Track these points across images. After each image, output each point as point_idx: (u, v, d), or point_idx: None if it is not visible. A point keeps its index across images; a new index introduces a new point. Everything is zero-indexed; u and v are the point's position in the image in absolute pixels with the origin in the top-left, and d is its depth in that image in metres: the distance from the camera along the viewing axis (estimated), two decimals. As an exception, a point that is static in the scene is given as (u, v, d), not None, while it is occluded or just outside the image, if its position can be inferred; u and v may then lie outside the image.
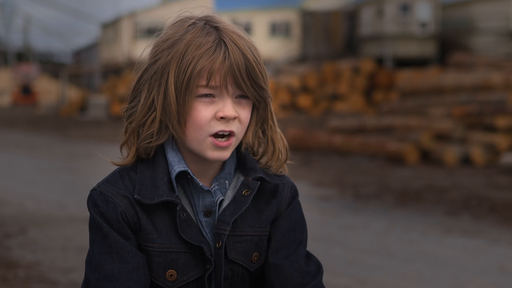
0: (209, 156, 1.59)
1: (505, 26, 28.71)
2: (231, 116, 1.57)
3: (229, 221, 1.61)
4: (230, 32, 1.59)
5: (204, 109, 1.57)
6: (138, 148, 1.63)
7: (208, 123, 1.57)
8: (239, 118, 1.60)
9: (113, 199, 1.59)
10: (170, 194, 1.59)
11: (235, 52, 1.56)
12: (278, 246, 1.68)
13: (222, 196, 1.64)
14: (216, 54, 1.55)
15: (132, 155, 1.64)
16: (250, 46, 1.60)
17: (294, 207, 1.73)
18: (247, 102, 1.61)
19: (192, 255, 1.61)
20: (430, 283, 5.41)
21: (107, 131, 21.21)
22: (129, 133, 1.64)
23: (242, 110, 1.60)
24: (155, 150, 1.63)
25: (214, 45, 1.56)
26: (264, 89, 1.61)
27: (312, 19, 34.75)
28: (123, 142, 1.66)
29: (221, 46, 1.56)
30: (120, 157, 1.68)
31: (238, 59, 1.56)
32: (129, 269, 1.57)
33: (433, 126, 14.42)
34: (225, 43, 1.56)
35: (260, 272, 1.71)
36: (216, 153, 1.59)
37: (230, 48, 1.56)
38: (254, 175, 1.65)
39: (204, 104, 1.57)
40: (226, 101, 1.57)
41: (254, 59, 1.58)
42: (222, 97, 1.57)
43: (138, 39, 38.41)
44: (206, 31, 1.58)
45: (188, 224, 1.61)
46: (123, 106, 1.67)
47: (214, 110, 1.57)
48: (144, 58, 1.66)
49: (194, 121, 1.57)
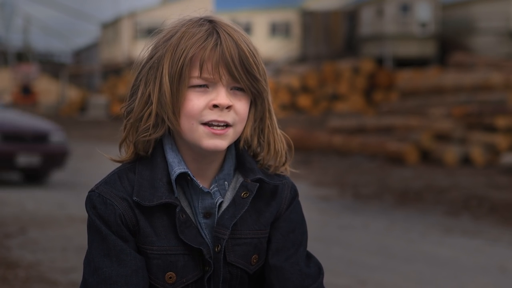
0: (205, 145, 1.57)
1: (505, 26, 28.71)
2: (224, 104, 1.55)
3: (228, 225, 1.60)
4: (224, 24, 1.59)
5: (197, 98, 1.56)
6: (136, 143, 1.62)
7: (201, 111, 1.56)
8: (234, 109, 1.58)
9: (112, 201, 1.58)
10: (169, 195, 1.58)
11: (227, 41, 1.55)
12: (278, 247, 1.67)
13: (222, 198, 1.63)
14: (208, 42, 1.55)
15: (130, 151, 1.63)
16: (245, 39, 1.59)
17: (294, 207, 1.71)
18: (243, 95, 1.60)
19: (191, 257, 1.60)
20: (430, 283, 5.41)
21: (107, 131, 21.21)
22: (127, 130, 1.63)
23: (237, 102, 1.58)
24: (153, 148, 1.62)
25: (206, 34, 1.56)
26: (258, 80, 1.59)
27: (312, 19, 34.75)
28: (122, 139, 1.65)
29: (213, 34, 1.56)
30: (119, 155, 1.68)
31: (231, 47, 1.55)
32: (128, 273, 1.56)
33: (433, 126, 14.43)
34: (217, 32, 1.57)
35: (259, 273, 1.69)
36: (212, 142, 1.57)
37: (222, 36, 1.56)
38: (253, 177, 1.63)
39: (197, 93, 1.56)
40: (220, 90, 1.56)
41: (248, 50, 1.57)
42: (215, 87, 1.57)
43: (138, 39, 38.40)
44: (200, 23, 1.59)
45: (187, 226, 1.59)
46: (123, 105, 1.67)
47: (207, 99, 1.56)
48: (142, 58, 1.66)
49: (186, 110, 1.56)
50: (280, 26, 38.36)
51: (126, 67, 33.82)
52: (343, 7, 35.09)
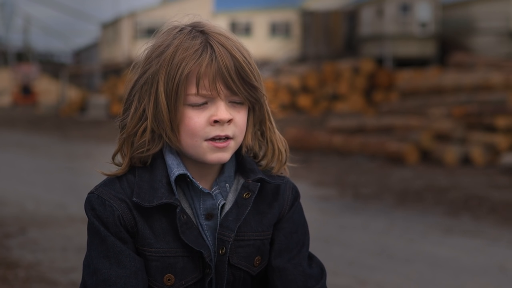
0: (209, 160, 1.58)
1: (505, 26, 28.71)
2: (225, 119, 1.55)
3: (233, 227, 1.60)
4: (216, 34, 1.57)
5: (197, 115, 1.55)
6: (132, 158, 1.62)
7: (203, 129, 1.55)
8: (234, 121, 1.57)
9: (111, 203, 1.58)
10: (169, 196, 1.58)
11: (222, 54, 1.54)
12: (281, 249, 1.67)
13: (224, 200, 1.63)
14: (203, 57, 1.53)
15: (125, 164, 1.63)
16: (238, 46, 1.58)
17: (296, 208, 1.72)
18: (242, 106, 1.60)
19: (191, 259, 1.60)
20: (430, 283, 5.41)
21: (107, 131, 21.22)
22: (120, 143, 1.63)
23: (237, 114, 1.58)
24: (152, 157, 1.62)
25: (201, 48, 1.54)
26: (256, 88, 1.59)
27: (312, 19, 34.74)
28: (115, 151, 1.65)
29: (207, 49, 1.54)
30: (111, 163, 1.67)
31: (226, 60, 1.54)
32: (127, 274, 1.55)
33: (433, 126, 14.43)
34: (211, 45, 1.55)
35: (262, 274, 1.69)
36: (215, 155, 1.57)
37: (216, 50, 1.54)
38: (254, 177, 1.63)
39: (196, 110, 1.55)
40: (219, 104, 1.55)
41: (243, 59, 1.56)
42: (214, 101, 1.55)
43: (138, 39, 38.40)
44: (192, 35, 1.57)
45: (188, 227, 1.59)
46: (117, 118, 1.66)
47: (207, 115, 1.55)
48: (137, 65, 1.64)
49: (187, 128, 1.56)
50: (280, 26, 38.36)
51: (126, 67, 33.78)
52: (343, 7, 35.09)
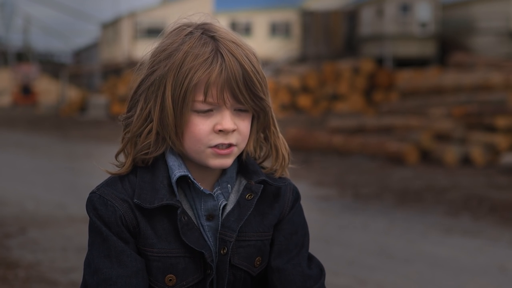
0: (211, 165, 1.59)
1: (505, 26, 28.72)
2: (229, 129, 1.56)
3: (235, 228, 1.61)
4: (227, 41, 1.57)
5: (202, 122, 1.56)
6: (135, 158, 1.63)
7: (207, 136, 1.56)
8: (238, 130, 1.59)
9: (112, 203, 1.58)
10: (170, 197, 1.58)
11: (232, 64, 1.54)
12: (280, 249, 1.68)
13: (225, 201, 1.63)
14: (213, 67, 1.53)
15: (128, 164, 1.63)
16: (248, 54, 1.58)
17: (297, 210, 1.73)
18: (246, 114, 1.60)
19: (192, 259, 1.60)
20: (430, 283, 5.41)
21: (107, 131, 21.21)
22: (124, 143, 1.64)
23: (241, 122, 1.59)
24: (154, 157, 1.62)
25: (211, 57, 1.54)
26: (263, 99, 1.59)
27: (312, 19, 34.75)
28: (118, 150, 1.66)
29: (217, 58, 1.54)
30: (113, 163, 1.67)
31: (236, 71, 1.54)
32: (128, 274, 1.56)
33: (433, 126, 14.42)
34: (221, 54, 1.55)
35: (262, 275, 1.70)
36: (218, 161, 1.59)
37: (226, 59, 1.54)
38: (257, 178, 1.64)
39: (201, 117, 1.56)
40: (224, 113, 1.56)
41: (252, 69, 1.56)
42: (220, 110, 1.56)
43: (138, 39, 38.40)
44: (203, 41, 1.56)
45: (189, 228, 1.60)
46: (121, 115, 1.67)
47: (212, 123, 1.56)
48: (143, 64, 1.64)
49: (192, 134, 1.57)
50: (280, 26, 38.36)
51: (126, 67, 33.80)
52: (343, 7, 35.10)
